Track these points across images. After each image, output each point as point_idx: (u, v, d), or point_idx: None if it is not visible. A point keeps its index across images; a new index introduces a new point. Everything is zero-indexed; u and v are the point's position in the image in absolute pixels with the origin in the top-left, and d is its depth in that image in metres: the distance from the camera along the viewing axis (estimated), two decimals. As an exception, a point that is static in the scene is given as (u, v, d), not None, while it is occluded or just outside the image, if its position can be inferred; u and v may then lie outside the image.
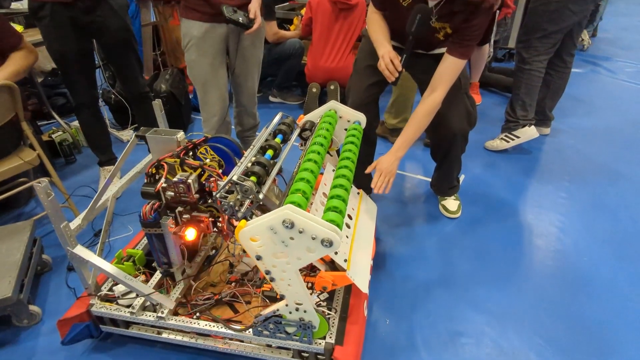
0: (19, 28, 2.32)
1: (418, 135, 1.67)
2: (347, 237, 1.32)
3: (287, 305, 1.14)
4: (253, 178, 1.11)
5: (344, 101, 3.00)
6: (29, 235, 1.65)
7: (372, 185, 1.61)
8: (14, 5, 3.09)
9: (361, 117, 1.51)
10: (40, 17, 1.87)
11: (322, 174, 1.49)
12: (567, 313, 1.54)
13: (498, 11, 3.10)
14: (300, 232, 0.95)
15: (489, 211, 2.10)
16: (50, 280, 1.74)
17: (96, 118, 2.24)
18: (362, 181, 2.09)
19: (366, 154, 2.01)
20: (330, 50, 2.99)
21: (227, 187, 1.11)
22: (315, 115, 1.52)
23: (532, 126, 2.54)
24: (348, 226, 1.37)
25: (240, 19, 1.80)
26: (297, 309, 1.14)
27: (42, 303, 1.62)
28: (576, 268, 1.74)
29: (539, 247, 1.86)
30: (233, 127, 2.36)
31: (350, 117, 1.51)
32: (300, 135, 1.50)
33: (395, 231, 1.97)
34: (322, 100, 3.09)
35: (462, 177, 2.35)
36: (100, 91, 2.85)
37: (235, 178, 1.09)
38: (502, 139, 2.65)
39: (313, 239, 0.95)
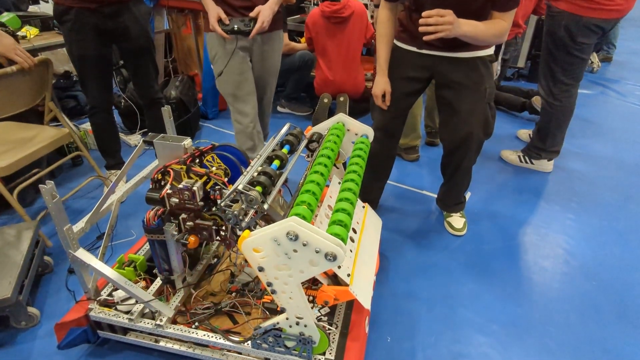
0: (34, 31, 2.35)
1: (479, 38, 1.52)
2: (350, 251, 1.30)
3: (287, 318, 1.12)
4: (259, 188, 1.10)
5: (352, 114, 3.01)
6: (32, 235, 1.64)
7: (421, 22, 1.42)
8: (31, 8, 3.15)
9: (369, 131, 1.50)
10: (64, 21, 1.93)
11: (327, 186, 1.48)
12: (575, 339, 1.50)
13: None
14: (304, 244, 0.93)
15: (495, 229, 2.07)
16: (51, 282, 1.73)
17: (109, 122, 2.27)
18: (373, 195, 2.10)
19: (384, 168, 2.01)
20: (334, 64, 3.01)
21: (232, 196, 1.10)
22: (323, 127, 1.51)
23: (552, 161, 2.57)
24: (352, 240, 1.35)
25: (236, 26, 1.80)
26: (297, 323, 1.12)
27: (41, 305, 1.61)
28: (584, 292, 1.70)
29: (545, 269, 1.83)
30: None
31: (358, 131, 1.51)
32: (307, 146, 1.50)
33: (399, 247, 1.95)
34: (331, 112, 3.10)
35: (468, 195, 2.32)
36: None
37: (240, 187, 1.08)
38: (519, 156, 2.66)
39: (317, 252, 0.93)
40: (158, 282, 1.40)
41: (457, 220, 2.05)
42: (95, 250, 1.83)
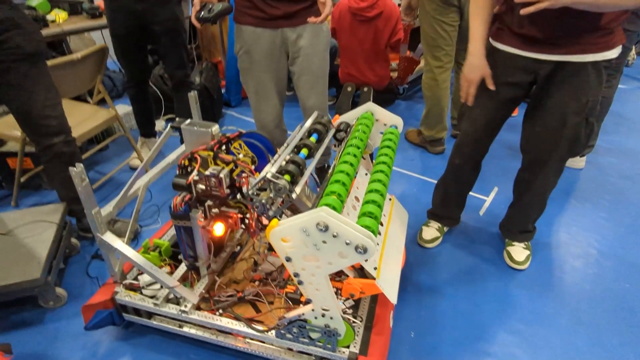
0: (63, 15, 2.37)
1: (600, 2, 1.14)
2: (377, 244, 1.27)
3: (313, 310, 1.10)
4: (287, 177, 1.08)
5: (376, 104, 2.95)
6: (60, 218, 1.67)
7: None
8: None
9: (398, 121, 1.46)
10: (105, 1, 2.09)
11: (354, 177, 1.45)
12: (606, 342, 1.45)
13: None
14: (334, 236, 0.91)
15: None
16: (77, 264, 1.76)
17: (144, 95, 2.41)
18: (452, 211, 1.87)
19: (471, 180, 1.78)
20: (356, 59, 2.96)
21: (259, 184, 1.09)
22: (350, 116, 1.48)
23: (584, 157, 2.44)
24: (379, 233, 1.32)
25: (202, 13, 1.51)
26: (323, 315, 1.10)
27: (68, 286, 1.64)
28: (617, 295, 1.64)
29: (576, 269, 1.77)
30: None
31: (387, 121, 1.47)
32: (334, 136, 1.47)
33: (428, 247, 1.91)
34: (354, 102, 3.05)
35: (494, 191, 2.24)
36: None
37: (269, 175, 1.06)
38: None
39: (347, 244, 0.91)
40: (182, 267, 1.40)
41: (518, 252, 1.76)
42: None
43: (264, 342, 1.28)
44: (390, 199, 1.53)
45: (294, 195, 1.07)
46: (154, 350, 1.40)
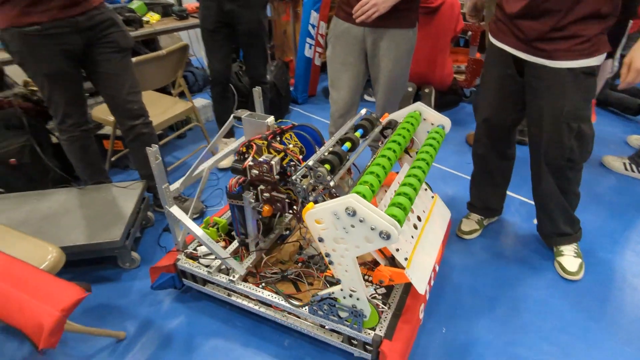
0: (156, 17, 2.69)
1: None
2: (412, 237, 1.33)
3: (342, 290, 1.19)
4: (327, 166, 1.18)
5: (439, 106, 2.92)
6: (139, 193, 1.92)
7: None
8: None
9: (445, 122, 1.50)
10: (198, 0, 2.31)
11: (397, 172, 1.51)
12: (656, 365, 1.37)
13: (630, 22, 2.77)
14: (361, 221, 1.00)
15: (582, 239, 1.90)
16: (151, 235, 2.01)
17: (225, 92, 2.56)
18: (489, 201, 1.91)
19: (501, 171, 1.82)
20: (419, 56, 2.92)
21: (303, 172, 1.20)
22: (399, 114, 1.54)
23: None
24: (415, 227, 1.38)
25: None
26: (350, 295, 1.19)
27: (141, 252, 1.88)
28: (678, 319, 1.52)
29: (635, 288, 1.66)
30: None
31: (435, 121, 1.51)
32: (381, 132, 1.54)
33: (468, 241, 1.90)
34: (416, 100, 3.07)
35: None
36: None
37: (310, 164, 1.17)
38: (624, 163, 2.40)
39: (372, 229, 0.99)
40: (235, 244, 1.56)
41: (568, 261, 1.71)
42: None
43: (299, 317, 1.39)
44: (433, 197, 1.57)
45: (331, 183, 1.18)
46: (206, 315, 1.58)
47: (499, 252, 1.85)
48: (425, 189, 1.53)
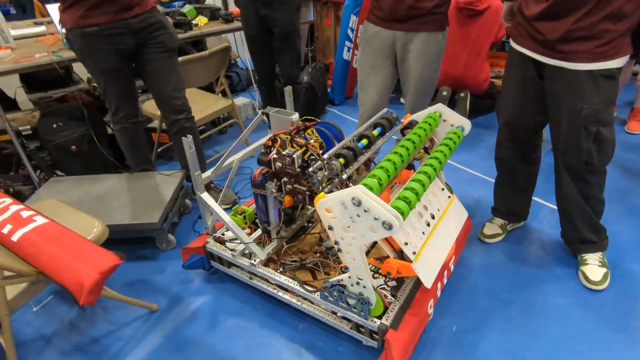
0: (204, 20, 2.89)
1: None
2: (423, 233, 1.37)
3: (350, 277, 1.27)
4: (341, 160, 1.26)
5: (475, 111, 2.89)
6: (178, 181, 2.09)
7: None
8: (208, 1, 3.82)
9: (465, 123, 1.53)
10: (239, 6, 2.52)
11: (414, 171, 1.56)
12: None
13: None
14: (366, 210, 1.07)
15: (612, 250, 1.84)
16: (187, 221, 2.18)
17: (270, 93, 2.77)
18: (513, 205, 1.91)
19: (525, 175, 1.81)
20: (457, 57, 2.92)
21: (319, 165, 1.29)
22: (420, 115, 1.59)
23: None
24: (428, 224, 1.42)
25: None
26: (357, 283, 1.26)
27: (177, 236, 2.05)
28: None
29: (664, 303, 1.60)
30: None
31: (454, 122, 1.54)
32: (402, 132, 1.60)
33: (490, 244, 1.90)
34: (451, 104, 3.06)
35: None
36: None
37: (325, 157, 1.26)
38: None
39: (375, 219, 1.06)
40: (259, 231, 1.68)
41: (592, 270, 1.67)
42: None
43: (313, 303, 1.48)
44: (450, 197, 1.60)
45: (344, 176, 1.26)
46: (230, 295, 1.71)
47: (520, 257, 1.84)
48: (443, 189, 1.57)
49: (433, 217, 1.46)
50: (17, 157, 2.27)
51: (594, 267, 1.68)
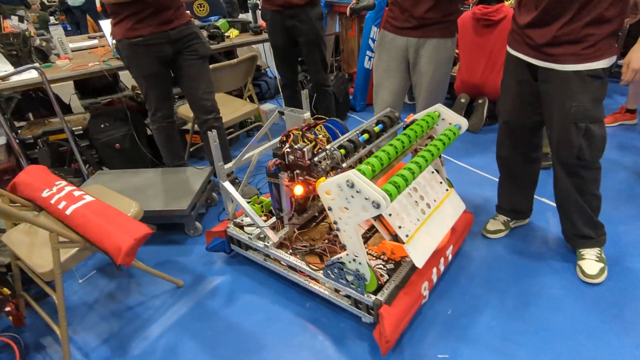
0: (235, 32, 3.16)
1: None
2: (417, 219, 1.51)
3: (347, 254, 1.42)
4: (342, 151, 1.43)
5: (493, 117, 2.97)
6: (207, 175, 2.32)
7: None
8: (241, 15, 4.11)
9: (462, 122, 1.66)
10: (265, 20, 2.76)
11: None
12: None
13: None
14: (358, 192, 1.23)
15: (612, 246, 1.89)
16: (213, 212, 2.40)
17: (292, 97, 3.01)
18: (515, 203, 2.00)
19: (526, 173, 1.92)
20: (475, 66, 3.02)
21: (324, 155, 1.46)
22: (421, 115, 1.73)
23: None
24: (423, 212, 1.55)
25: (353, 4, 2.22)
26: (354, 260, 1.41)
27: (204, 224, 2.26)
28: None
29: (660, 298, 1.64)
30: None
31: (452, 121, 1.68)
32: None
33: (492, 239, 2.00)
34: (469, 111, 3.16)
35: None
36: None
37: (328, 147, 1.43)
38: None
39: (366, 199, 1.22)
40: (274, 219, 1.86)
41: (589, 264, 1.74)
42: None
43: (318, 282, 1.64)
44: (447, 190, 1.73)
45: (344, 165, 1.42)
46: (247, 276, 1.90)
47: (520, 251, 1.93)
48: (441, 182, 1.70)
49: (429, 207, 1.60)
50: (71, 153, 2.58)
51: (590, 261, 1.75)
